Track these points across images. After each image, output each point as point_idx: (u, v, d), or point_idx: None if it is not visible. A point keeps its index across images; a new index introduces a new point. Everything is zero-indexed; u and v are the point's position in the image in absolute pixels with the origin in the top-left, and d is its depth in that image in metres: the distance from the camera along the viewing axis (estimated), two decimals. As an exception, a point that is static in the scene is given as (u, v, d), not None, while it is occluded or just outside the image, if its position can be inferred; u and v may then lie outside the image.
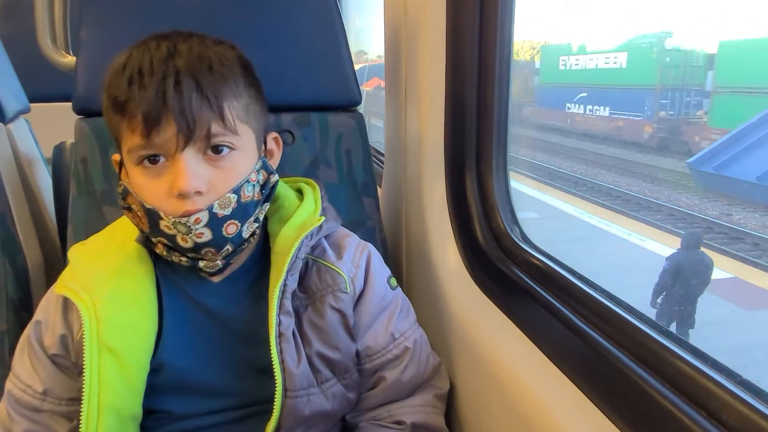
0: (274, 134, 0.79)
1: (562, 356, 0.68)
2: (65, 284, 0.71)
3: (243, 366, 0.75)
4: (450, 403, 0.86)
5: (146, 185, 0.67)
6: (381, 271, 0.83)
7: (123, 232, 0.77)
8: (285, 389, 0.70)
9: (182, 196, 0.65)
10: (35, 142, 1.29)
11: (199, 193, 0.65)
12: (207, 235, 0.67)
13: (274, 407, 0.70)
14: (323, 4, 1.03)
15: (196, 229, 0.66)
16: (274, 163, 0.78)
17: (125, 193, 0.70)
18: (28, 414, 0.72)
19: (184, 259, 0.70)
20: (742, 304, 3.94)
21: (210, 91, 0.66)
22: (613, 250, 5.03)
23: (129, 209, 0.70)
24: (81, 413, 0.66)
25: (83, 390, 0.67)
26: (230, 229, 0.68)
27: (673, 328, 3.45)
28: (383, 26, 1.15)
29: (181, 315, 0.75)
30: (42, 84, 1.45)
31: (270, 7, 1.02)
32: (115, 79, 0.66)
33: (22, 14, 1.74)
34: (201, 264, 0.70)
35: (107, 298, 0.70)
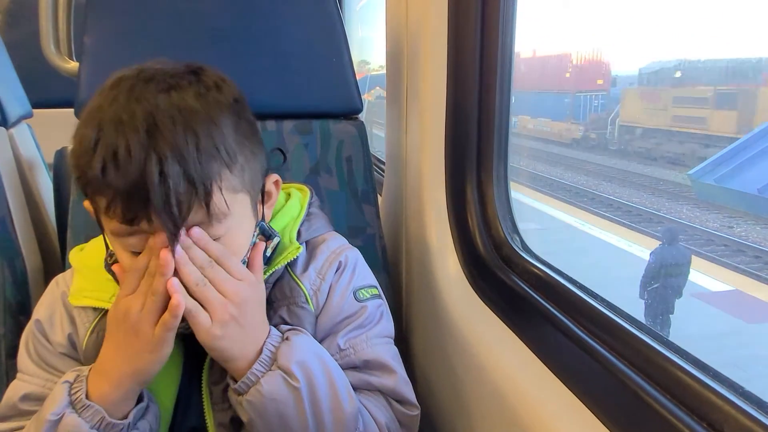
0: (275, 177, 0.73)
1: (562, 366, 0.68)
2: (83, 295, 0.72)
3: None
4: (450, 413, 0.86)
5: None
6: (348, 281, 0.77)
7: None
8: (212, 403, 0.71)
9: None
10: (37, 147, 1.30)
11: None
12: None
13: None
14: (325, 13, 1.03)
15: None
16: (270, 205, 0.73)
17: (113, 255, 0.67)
18: None
19: None
20: (744, 318, 3.92)
21: (198, 178, 0.58)
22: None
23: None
24: None
25: None
26: None
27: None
28: (384, 35, 1.15)
29: None
30: (45, 90, 1.45)
31: (272, 14, 1.02)
32: (84, 159, 0.58)
33: (26, 20, 1.75)
34: None
35: None
